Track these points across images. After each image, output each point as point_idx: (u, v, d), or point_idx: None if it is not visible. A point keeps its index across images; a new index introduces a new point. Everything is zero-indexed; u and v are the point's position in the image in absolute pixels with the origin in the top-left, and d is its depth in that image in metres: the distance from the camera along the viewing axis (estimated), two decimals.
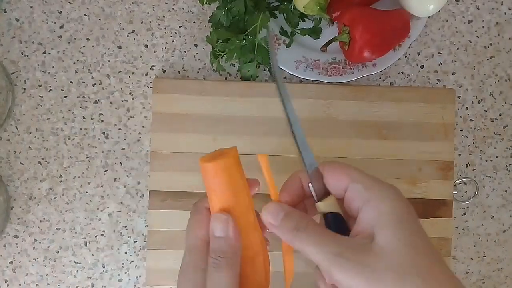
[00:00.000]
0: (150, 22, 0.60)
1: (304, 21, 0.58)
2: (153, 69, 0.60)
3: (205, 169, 0.35)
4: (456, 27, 0.61)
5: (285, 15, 0.58)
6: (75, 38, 0.59)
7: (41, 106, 0.59)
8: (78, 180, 0.59)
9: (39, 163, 0.59)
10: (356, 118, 0.58)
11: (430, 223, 0.58)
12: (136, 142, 0.59)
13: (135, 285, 0.59)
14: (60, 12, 0.59)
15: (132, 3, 0.60)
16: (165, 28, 0.60)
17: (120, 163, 0.59)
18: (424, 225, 0.57)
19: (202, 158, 0.36)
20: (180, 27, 0.60)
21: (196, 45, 0.60)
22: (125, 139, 0.59)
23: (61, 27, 0.60)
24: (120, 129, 0.59)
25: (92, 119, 0.59)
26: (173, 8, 0.60)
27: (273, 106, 0.58)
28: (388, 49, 0.56)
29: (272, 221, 0.34)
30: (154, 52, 0.60)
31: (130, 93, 0.59)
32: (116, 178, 0.59)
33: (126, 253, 0.59)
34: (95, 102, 0.59)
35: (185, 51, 0.60)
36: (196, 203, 0.38)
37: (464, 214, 0.60)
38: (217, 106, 0.58)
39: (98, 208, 0.59)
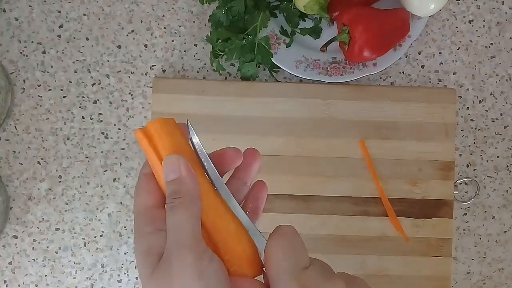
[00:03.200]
0: (150, 21, 0.60)
1: (304, 21, 0.58)
2: (152, 69, 0.60)
3: (145, 133, 0.32)
4: (457, 27, 0.61)
5: (285, 14, 0.58)
6: (74, 38, 0.59)
7: (40, 106, 0.59)
8: (77, 180, 0.59)
9: (38, 163, 0.59)
10: (356, 118, 0.58)
11: (431, 224, 0.58)
12: (136, 142, 0.59)
13: (134, 286, 0.59)
14: (60, 12, 0.59)
15: (132, 2, 0.60)
16: (165, 28, 0.60)
17: (120, 163, 0.59)
18: (424, 225, 0.57)
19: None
20: (179, 26, 0.60)
21: (196, 45, 0.60)
22: (124, 139, 0.59)
23: (61, 26, 0.59)
24: (119, 129, 0.59)
25: (91, 119, 0.59)
26: (172, 8, 0.60)
27: (273, 106, 0.58)
28: (388, 48, 0.56)
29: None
30: (154, 51, 0.60)
31: (129, 93, 0.59)
32: (115, 178, 0.59)
33: (125, 253, 0.59)
34: (95, 102, 0.59)
35: (184, 51, 0.60)
36: (142, 169, 0.34)
37: (465, 214, 0.60)
38: (217, 106, 0.57)
39: (97, 208, 0.59)
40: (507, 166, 0.60)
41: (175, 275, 0.29)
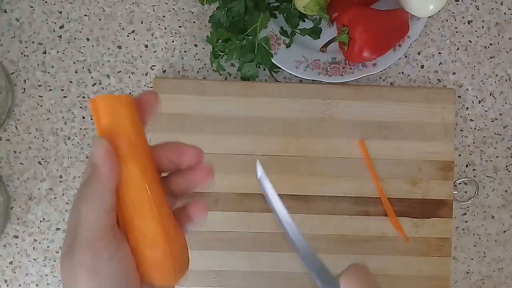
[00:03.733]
0: (150, 22, 0.60)
1: (304, 21, 0.58)
2: (153, 69, 0.60)
3: (93, 105, 0.30)
4: (456, 27, 0.61)
5: (285, 15, 0.58)
6: (75, 38, 0.59)
7: (41, 106, 0.59)
8: (78, 180, 0.59)
9: (39, 163, 0.59)
10: (356, 118, 0.58)
11: (430, 223, 0.58)
12: None
13: None
14: (60, 12, 0.60)
15: (132, 3, 0.60)
16: (165, 28, 0.60)
17: None
18: (424, 225, 0.58)
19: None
20: (180, 27, 0.60)
21: (196, 45, 0.60)
22: None
23: (61, 27, 0.60)
24: None
25: (91, 119, 0.59)
26: (173, 8, 0.60)
27: (273, 106, 0.58)
28: (387, 49, 0.56)
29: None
30: (154, 52, 0.60)
31: (130, 93, 0.59)
32: None
33: None
34: None
35: (185, 51, 0.60)
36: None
37: (465, 214, 0.60)
38: (217, 106, 0.58)
39: None
40: (506, 166, 0.60)
41: (77, 270, 0.28)
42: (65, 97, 0.59)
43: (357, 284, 0.31)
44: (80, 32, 0.59)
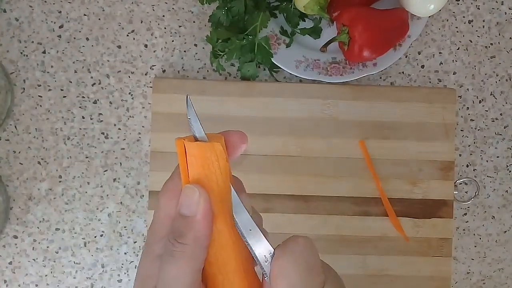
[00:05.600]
0: (150, 21, 0.60)
1: (304, 21, 0.58)
2: (152, 69, 0.60)
3: (188, 147, 0.28)
4: (456, 27, 0.61)
5: (285, 14, 0.58)
6: (74, 38, 0.59)
7: (40, 106, 0.59)
8: (77, 180, 0.59)
9: (39, 163, 0.59)
10: (356, 118, 0.58)
11: (431, 224, 0.58)
12: (136, 142, 0.59)
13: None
14: (60, 12, 0.59)
15: (132, 2, 0.60)
16: (165, 28, 0.60)
17: (120, 163, 0.59)
18: (424, 225, 0.57)
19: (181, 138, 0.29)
20: (180, 26, 0.60)
21: (196, 45, 0.60)
22: (124, 139, 0.59)
23: (61, 26, 0.59)
24: (119, 129, 0.59)
25: (91, 119, 0.59)
26: (172, 8, 0.60)
27: (273, 106, 0.58)
28: (388, 48, 0.56)
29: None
30: (154, 51, 0.60)
31: (129, 93, 0.59)
32: (115, 178, 0.59)
33: (125, 253, 0.59)
34: (95, 102, 0.59)
35: (185, 51, 0.60)
36: (168, 181, 0.29)
37: (465, 214, 0.60)
38: (217, 106, 0.57)
39: (97, 208, 0.59)
40: (507, 166, 0.60)
41: None
42: (64, 97, 0.59)
43: (292, 267, 0.25)
44: (80, 31, 0.59)
